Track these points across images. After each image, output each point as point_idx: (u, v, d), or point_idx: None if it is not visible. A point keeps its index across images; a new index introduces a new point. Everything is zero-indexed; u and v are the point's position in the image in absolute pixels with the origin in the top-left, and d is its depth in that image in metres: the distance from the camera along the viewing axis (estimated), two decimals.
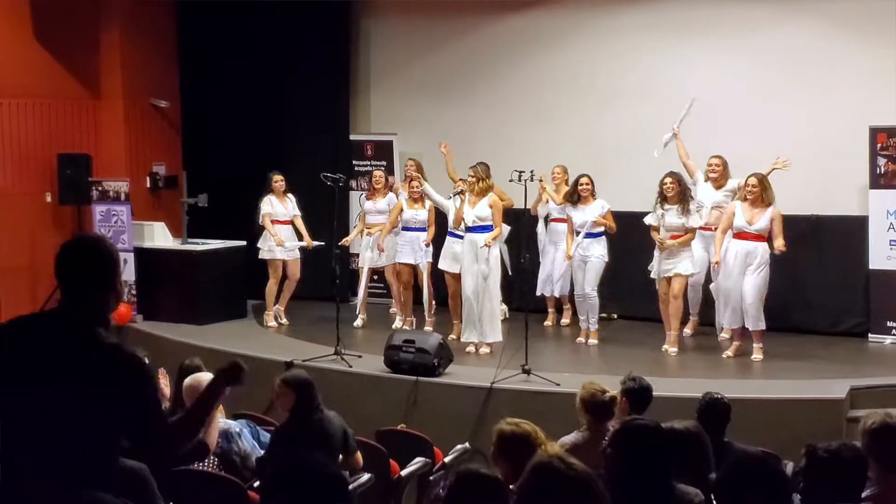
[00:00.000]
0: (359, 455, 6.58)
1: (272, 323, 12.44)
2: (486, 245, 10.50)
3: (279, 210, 12.32)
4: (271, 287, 12.44)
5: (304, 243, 12.32)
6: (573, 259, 11.17)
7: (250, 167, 13.85)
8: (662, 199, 10.54)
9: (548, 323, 12.18)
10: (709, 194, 10.99)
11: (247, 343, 11.29)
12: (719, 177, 10.99)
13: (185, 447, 3.97)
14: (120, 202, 12.75)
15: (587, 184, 11.08)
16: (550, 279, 12.01)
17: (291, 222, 12.45)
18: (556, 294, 12.05)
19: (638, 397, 6.66)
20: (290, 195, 12.43)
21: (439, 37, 13.68)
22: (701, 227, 10.69)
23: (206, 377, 5.73)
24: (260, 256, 12.40)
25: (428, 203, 11.73)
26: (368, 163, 13.80)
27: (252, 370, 4.14)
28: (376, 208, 12.31)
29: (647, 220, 10.70)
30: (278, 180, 12.32)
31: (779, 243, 10.18)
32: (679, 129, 11.27)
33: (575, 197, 11.16)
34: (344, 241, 12.32)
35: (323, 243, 12.21)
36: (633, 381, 6.75)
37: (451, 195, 11.12)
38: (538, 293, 12.11)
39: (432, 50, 13.75)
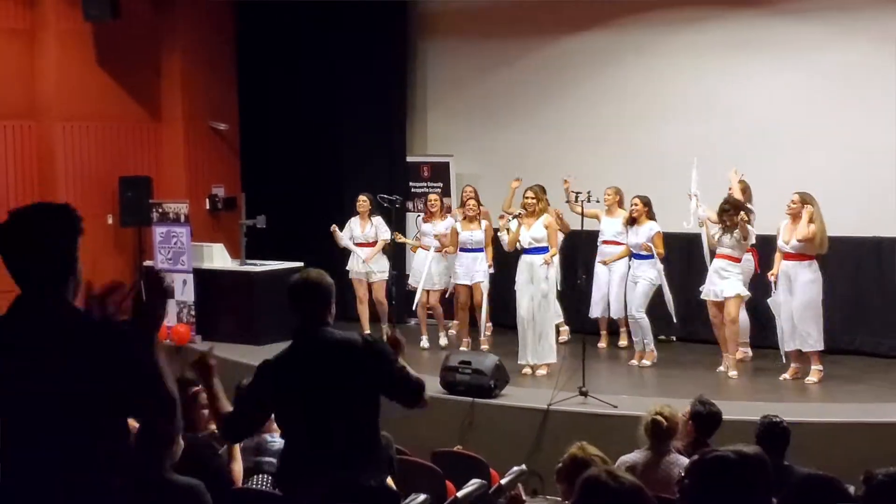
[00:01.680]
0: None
1: None
2: (544, 263, 10.48)
3: (356, 232, 12.34)
4: (357, 307, 12.46)
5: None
6: (626, 280, 11.15)
7: (308, 188, 14.00)
8: (724, 228, 10.43)
9: (602, 345, 12.10)
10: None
11: None
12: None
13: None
14: (180, 224, 12.88)
15: (636, 205, 11.04)
16: (604, 301, 11.93)
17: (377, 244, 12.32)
18: (614, 316, 11.96)
19: (705, 422, 6.58)
20: (377, 218, 12.32)
21: (496, 58, 13.71)
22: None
23: None
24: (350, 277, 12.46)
25: (484, 223, 11.75)
26: (425, 184, 13.84)
27: None
28: (434, 231, 12.27)
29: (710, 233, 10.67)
30: (359, 201, 12.31)
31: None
32: (696, 193, 10.91)
33: (630, 218, 11.16)
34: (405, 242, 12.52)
35: (395, 272, 12.15)
36: (702, 405, 6.68)
37: (511, 217, 11.14)
38: (591, 315, 11.99)
39: (489, 71, 13.78)
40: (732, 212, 10.31)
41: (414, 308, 12.35)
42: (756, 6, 12.19)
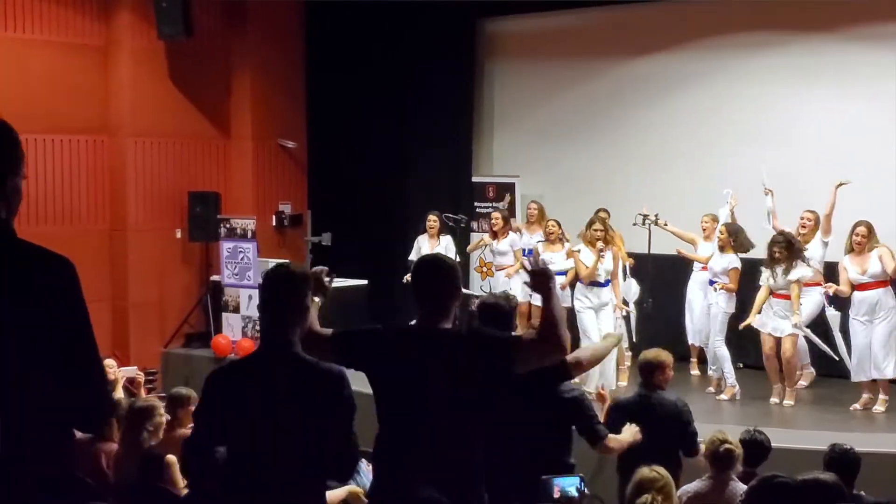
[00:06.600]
0: None
1: None
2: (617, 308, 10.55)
3: (425, 251, 12.12)
4: None
5: None
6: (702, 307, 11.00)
7: (373, 207, 14.05)
8: (771, 260, 10.24)
9: (695, 372, 11.83)
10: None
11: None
12: (808, 232, 10.65)
13: None
14: (247, 239, 12.99)
15: (721, 233, 10.75)
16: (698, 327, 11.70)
17: None
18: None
19: (753, 452, 6.52)
20: (445, 237, 12.24)
21: (563, 80, 13.68)
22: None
23: None
24: None
25: (566, 246, 11.56)
26: (490, 204, 13.81)
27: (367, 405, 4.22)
28: (498, 249, 12.21)
29: (761, 281, 10.41)
30: (429, 220, 12.29)
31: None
32: (769, 189, 10.83)
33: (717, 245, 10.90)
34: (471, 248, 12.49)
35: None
36: (748, 432, 6.66)
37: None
38: (691, 342, 11.70)
39: (556, 93, 13.75)
40: (784, 244, 10.11)
41: None
42: (825, 32, 12.03)
